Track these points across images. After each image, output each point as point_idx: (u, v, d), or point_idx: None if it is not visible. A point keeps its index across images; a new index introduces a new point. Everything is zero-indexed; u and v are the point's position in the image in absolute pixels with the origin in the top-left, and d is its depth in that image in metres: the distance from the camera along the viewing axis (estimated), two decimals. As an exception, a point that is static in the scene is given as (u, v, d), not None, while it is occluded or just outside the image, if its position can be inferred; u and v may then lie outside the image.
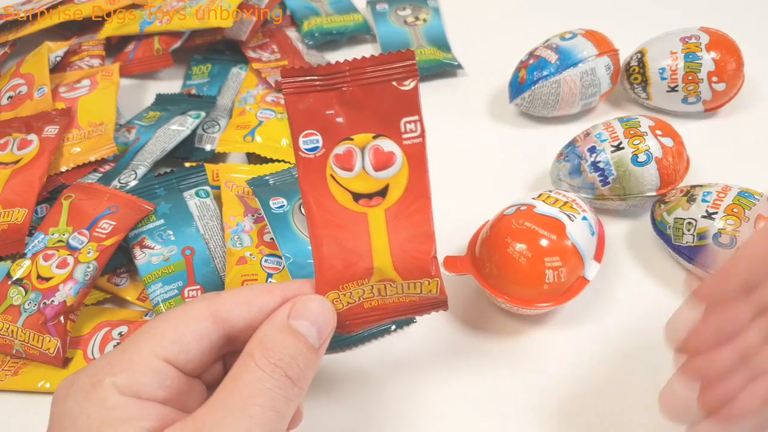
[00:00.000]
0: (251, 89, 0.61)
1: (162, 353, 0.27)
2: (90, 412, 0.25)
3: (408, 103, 0.31)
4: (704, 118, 0.57)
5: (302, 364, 0.28)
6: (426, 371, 0.41)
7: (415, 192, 0.31)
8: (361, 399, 0.40)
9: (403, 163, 0.31)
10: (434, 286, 0.32)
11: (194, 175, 0.50)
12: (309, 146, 0.31)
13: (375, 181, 0.31)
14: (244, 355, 0.28)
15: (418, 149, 0.31)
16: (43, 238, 0.45)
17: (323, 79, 0.30)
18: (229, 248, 0.45)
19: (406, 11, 0.72)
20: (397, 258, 0.31)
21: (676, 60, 0.54)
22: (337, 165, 0.31)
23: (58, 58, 0.63)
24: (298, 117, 0.31)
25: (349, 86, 0.30)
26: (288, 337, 0.28)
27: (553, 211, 0.41)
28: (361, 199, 0.31)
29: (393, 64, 0.30)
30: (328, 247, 0.31)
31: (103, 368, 0.26)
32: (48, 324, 0.41)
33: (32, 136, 0.52)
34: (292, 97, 0.31)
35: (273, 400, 0.26)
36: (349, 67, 0.30)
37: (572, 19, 0.69)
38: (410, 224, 0.31)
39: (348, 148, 0.31)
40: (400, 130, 0.31)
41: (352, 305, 0.32)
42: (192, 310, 0.29)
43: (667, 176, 0.46)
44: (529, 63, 0.56)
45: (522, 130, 0.59)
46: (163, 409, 0.26)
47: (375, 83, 0.30)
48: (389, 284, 0.32)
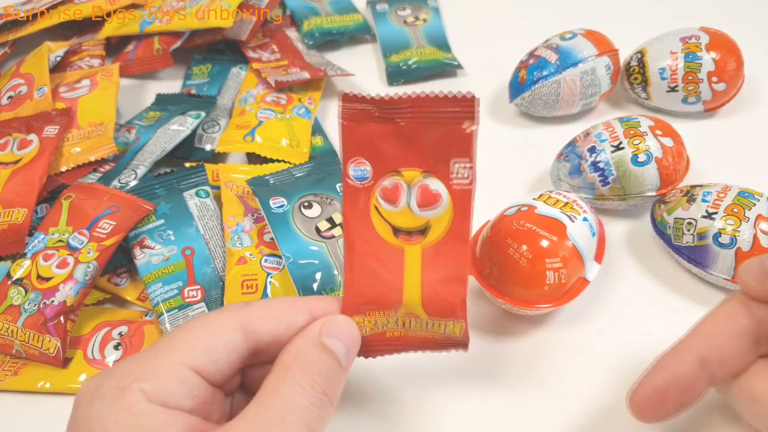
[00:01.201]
0: (251, 89, 0.61)
1: (191, 363, 0.27)
2: (118, 417, 0.25)
3: (462, 145, 0.30)
4: (704, 118, 0.57)
5: (335, 382, 0.28)
6: (424, 371, 0.41)
7: (456, 236, 0.31)
8: (360, 398, 0.40)
9: (448, 204, 0.31)
10: (459, 328, 0.32)
11: (194, 175, 0.50)
12: (357, 174, 0.31)
13: (417, 219, 0.31)
14: (279, 369, 0.27)
15: (466, 194, 0.31)
16: (43, 238, 0.45)
17: (382, 109, 0.30)
18: (229, 248, 0.45)
19: (406, 11, 0.72)
20: (426, 296, 0.32)
21: (676, 60, 0.54)
22: (383, 197, 0.31)
23: (58, 58, 0.63)
24: (351, 143, 0.30)
25: (406, 120, 0.30)
26: (323, 353, 0.28)
27: (554, 212, 0.41)
28: (401, 235, 0.31)
29: (453, 105, 0.30)
30: (360, 274, 0.31)
31: (131, 373, 0.26)
32: (48, 324, 0.41)
33: (32, 136, 0.52)
34: (348, 123, 0.30)
35: (309, 418, 0.26)
36: (408, 101, 0.30)
37: (572, 19, 0.69)
38: (446, 266, 0.31)
39: (395, 182, 0.31)
40: (450, 171, 0.30)
41: (375, 332, 0.32)
42: (223, 321, 0.28)
43: (667, 176, 0.46)
44: (529, 63, 0.56)
45: (522, 130, 0.59)
46: (189, 419, 0.26)
47: (432, 121, 0.30)
48: (414, 319, 0.32)
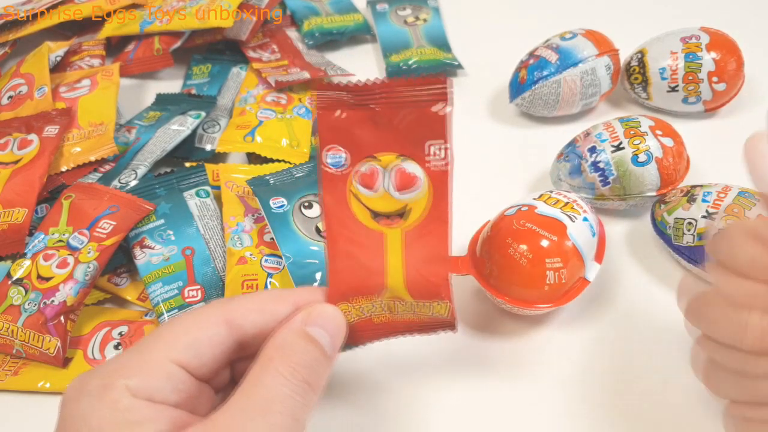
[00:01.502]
0: (251, 89, 0.61)
1: (176, 357, 0.27)
2: (103, 413, 0.25)
3: (436, 126, 0.30)
4: (704, 118, 0.57)
5: (319, 371, 0.28)
6: (426, 370, 0.41)
7: (435, 217, 0.31)
8: (360, 398, 0.40)
9: (425, 186, 0.31)
10: (444, 308, 0.32)
11: (194, 175, 0.50)
12: (333, 161, 0.31)
13: (396, 202, 0.31)
14: (263, 359, 0.27)
15: (443, 175, 0.31)
16: (44, 237, 0.45)
17: (355, 96, 0.30)
18: (229, 248, 0.45)
19: (406, 11, 0.72)
20: (410, 278, 0.32)
21: (676, 60, 0.54)
22: (360, 183, 0.31)
23: (59, 58, 0.63)
24: (327, 131, 0.30)
25: (379, 105, 0.30)
26: (307, 343, 0.28)
27: (554, 212, 0.41)
28: (381, 219, 0.31)
29: (425, 87, 0.30)
30: (343, 261, 0.31)
31: (116, 370, 0.26)
32: (48, 324, 0.41)
33: (32, 136, 0.52)
34: (324, 112, 0.30)
35: (292, 407, 0.26)
36: (382, 87, 0.30)
37: (572, 19, 0.69)
38: (427, 247, 0.31)
39: (372, 167, 0.31)
40: (425, 153, 0.31)
41: (361, 318, 0.32)
42: (207, 315, 0.29)
43: (667, 176, 0.46)
44: (530, 63, 0.56)
45: (522, 130, 0.59)
46: (175, 412, 0.26)
47: (405, 104, 0.30)
48: (400, 302, 0.32)
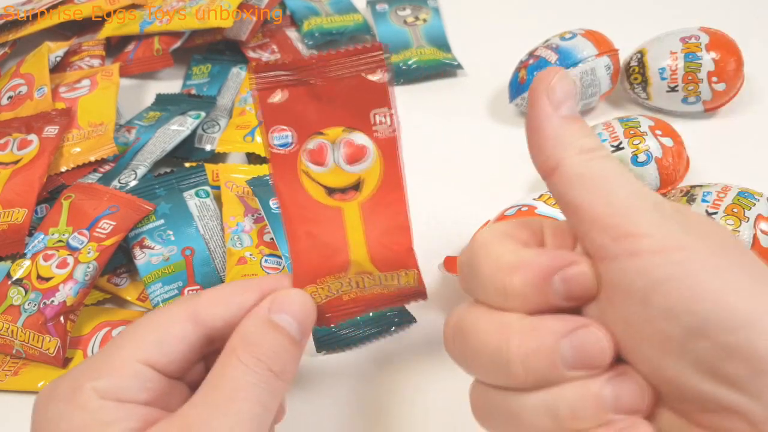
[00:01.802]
0: (251, 89, 0.61)
1: (142, 356, 0.27)
2: (72, 416, 0.25)
3: (378, 95, 0.30)
4: (704, 118, 0.57)
5: (285, 358, 0.28)
6: (423, 371, 0.41)
7: (390, 185, 0.31)
8: (360, 397, 0.40)
9: (375, 156, 0.31)
10: (412, 277, 0.32)
11: (194, 175, 0.50)
12: (280, 142, 0.31)
13: (348, 175, 0.31)
14: (227, 351, 0.28)
15: (391, 142, 0.31)
16: (43, 238, 0.45)
17: (292, 73, 0.30)
18: (229, 248, 0.45)
19: (406, 11, 0.72)
20: (373, 251, 0.31)
21: (676, 60, 0.54)
22: (310, 160, 0.31)
23: (58, 58, 0.63)
24: (269, 112, 0.30)
25: (318, 80, 0.30)
26: (270, 331, 0.28)
27: (555, 212, 0.41)
28: (335, 194, 0.31)
29: (361, 56, 0.30)
30: (304, 242, 0.31)
31: (83, 373, 0.26)
32: (48, 324, 0.41)
33: (32, 136, 0.52)
34: (263, 93, 0.30)
35: (258, 394, 0.26)
36: (317, 60, 0.30)
37: (572, 19, 0.68)
38: (385, 217, 0.31)
39: (319, 143, 0.31)
40: (371, 123, 0.30)
41: (331, 298, 0.32)
42: (171, 313, 0.29)
43: (666, 176, 0.46)
44: (529, 63, 0.56)
45: (522, 130, 0.57)
46: (145, 410, 0.26)
47: (344, 76, 0.30)
48: (367, 276, 0.32)
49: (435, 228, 0.32)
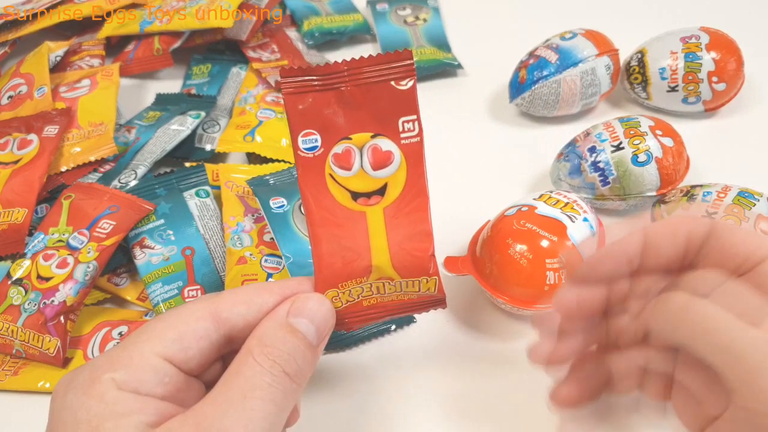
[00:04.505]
0: (251, 89, 0.61)
1: (162, 351, 0.27)
2: (90, 406, 0.25)
3: (406, 102, 0.31)
4: (704, 118, 0.57)
5: (300, 361, 0.28)
6: (425, 371, 0.41)
7: (413, 191, 0.31)
8: (360, 397, 0.40)
9: (401, 162, 0.31)
10: (432, 284, 0.32)
11: (194, 175, 0.50)
12: (308, 146, 0.31)
13: (373, 180, 0.31)
14: (244, 351, 0.28)
15: (416, 148, 0.31)
16: (43, 238, 0.45)
17: (322, 78, 0.30)
18: (229, 248, 0.45)
19: (406, 11, 0.72)
20: (395, 256, 0.32)
21: (676, 60, 0.54)
22: (336, 164, 0.31)
23: (58, 57, 0.63)
24: (297, 117, 0.31)
25: (347, 86, 0.31)
26: (287, 334, 0.28)
27: (555, 212, 0.41)
28: (360, 198, 0.31)
29: (391, 63, 0.30)
30: (327, 246, 0.31)
31: (102, 365, 0.27)
32: (48, 324, 0.41)
33: (32, 136, 0.52)
34: (291, 97, 0.31)
35: (272, 393, 0.27)
36: (348, 67, 0.30)
37: (572, 18, 0.68)
38: (408, 223, 0.32)
39: (346, 148, 0.31)
40: (398, 130, 0.31)
41: (351, 303, 0.32)
42: (192, 310, 0.29)
43: (667, 176, 0.46)
44: (529, 63, 0.56)
45: (522, 130, 0.59)
46: (162, 404, 0.26)
47: (373, 83, 0.30)
48: (388, 282, 0.32)
49: (434, 228, 0.32)
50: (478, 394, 0.40)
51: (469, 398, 0.40)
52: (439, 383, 0.40)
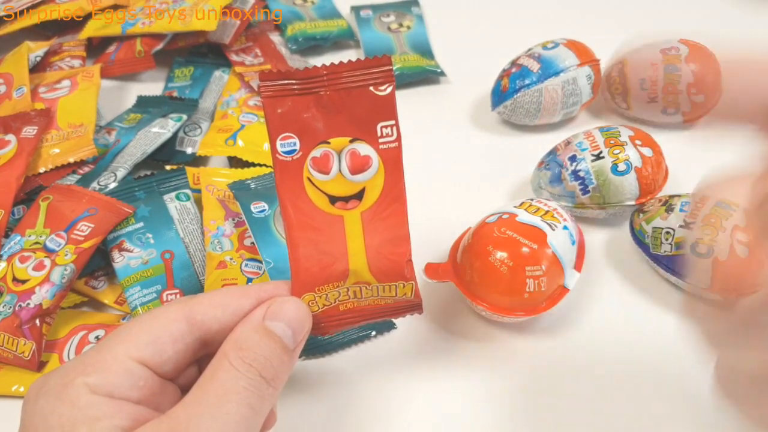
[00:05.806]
0: (234, 93, 0.61)
1: (136, 354, 0.27)
2: (62, 411, 0.25)
3: (384, 107, 0.31)
4: (683, 129, 0.58)
5: (276, 365, 0.28)
6: (405, 376, 0.41)
7: (391, 196, 0.32)
8: (340, 403, 0.40)
9: (379, 167, 0.31)
10: (409, 289, 0.32)
11: (175, 179, 0.50)
12: (286, 149, 0.31)
13: (351, 185, 0.31)
14: (219, 355, 0.28)
15: (394, 153, 0.31)
16: (20, 239, 0.44)
17: (301, 83, 0.31)
18: (209, 252, 0.44)
19: (389, 18, 0.72)
20: (372, 260, 0.32)
21: (656, 71, 0.55)
22: (314, 168, 0.31)
23: (38, 58, 0.62)
24: (276, 120, 0.31)
25: (326, 90, 0.31)
26: (263, 337, 0.28)
27: (535, 220, 0.41)
28: (338, 202, 0.31)
29: (370, 69, 0.31)
30: (304, 249, 0.31)
31: (75, 369, 0.26)
32: (23, 327, 0.41)
33: (10, 136, 0.51)
34: (270, 101, 0.31)
35: (248, 397, 0.27)
36: (327, 72, 0.31)
37: (554, 28, 0.69)
38: (386, 227, 0.32)
39: (325, 152, 0.31)
40: (377, 135, 0.31)
41: (327, 307, 0.32)
42: (167, 313, 0.29)
43: (646, 186, 0.47)
44: (512, 71, 0.57)
45: (504, 138, 0.59)
46: (136, 408, 0.26)
47: (352, 88, 0.31)
48: (365, 287, 0.32)
49: (415, 234, 0.32)
50: (455, 400, 0.40)
51: (449, 403, 0.40)
52: (417, 388, 0.40)
